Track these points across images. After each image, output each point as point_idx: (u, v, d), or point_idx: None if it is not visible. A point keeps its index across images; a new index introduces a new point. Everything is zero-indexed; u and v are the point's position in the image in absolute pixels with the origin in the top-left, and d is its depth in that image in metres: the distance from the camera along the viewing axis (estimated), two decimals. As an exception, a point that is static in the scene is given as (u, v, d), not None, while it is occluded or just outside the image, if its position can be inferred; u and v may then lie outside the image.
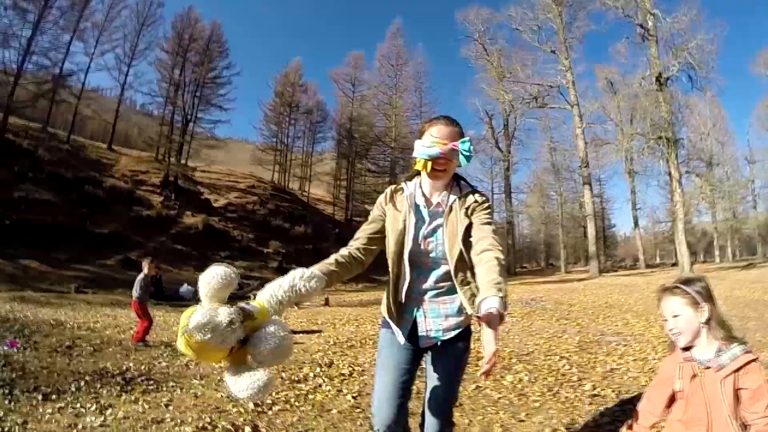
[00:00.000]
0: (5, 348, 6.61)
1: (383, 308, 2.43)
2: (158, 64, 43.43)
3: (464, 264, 2.19)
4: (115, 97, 45.39)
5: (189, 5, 44.92)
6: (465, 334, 2.33)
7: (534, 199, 56.50)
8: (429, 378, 2.35)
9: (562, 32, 36.27)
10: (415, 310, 2.30)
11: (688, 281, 2.14)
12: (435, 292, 2.29)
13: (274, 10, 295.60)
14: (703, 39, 29.63)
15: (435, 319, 2.28)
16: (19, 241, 22.63)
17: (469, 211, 2.24)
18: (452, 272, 2.22)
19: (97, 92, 44.97)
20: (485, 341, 1.70)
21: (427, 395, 2.33)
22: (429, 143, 2.21)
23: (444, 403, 2.32)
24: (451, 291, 2.27)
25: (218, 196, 41.67)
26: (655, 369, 5.74)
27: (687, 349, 2.05)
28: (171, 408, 4.51)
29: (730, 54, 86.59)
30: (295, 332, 10.06)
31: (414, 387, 2.46)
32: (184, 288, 20.12)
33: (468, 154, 2.21)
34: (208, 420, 4.13)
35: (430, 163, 2.21)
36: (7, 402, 4.33)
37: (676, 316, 2.07)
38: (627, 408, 4.40)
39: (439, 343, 2.28)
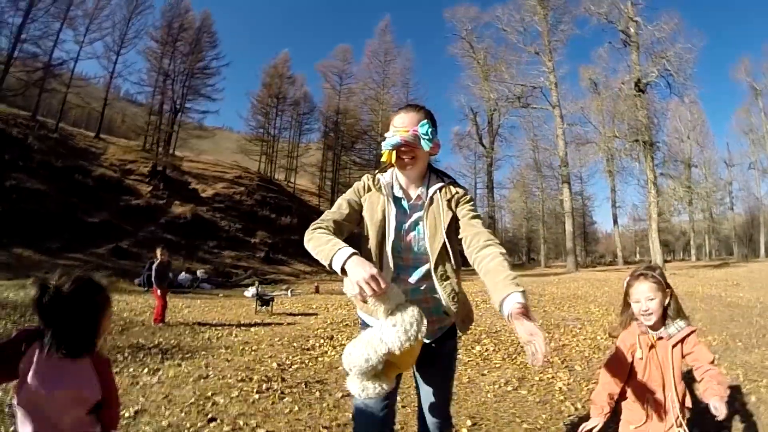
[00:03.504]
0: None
1: (360, 308, 2.34)
2: (148, 53, 43.21)
3: (445, 258, 2.11)
4: (101, 85, 45.28)
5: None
6: (451, 332, 2.29)
7: (516, 195, 57.21)
8: (422, 382, 2.29)
9: (547, 35, 37.16)
10: None
11: (653, 268, 2.45)
12: (418, 291, 2.17)
13: (263, 1, 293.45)
14: (681, 48, 30.68)
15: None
16: (12, 230, 22.81)
17: (452, 204, 2.15)
18: (432, 266, 2.11)
19: (87, 81, 44.73)
20: (527, 332, 1.53)
21: (425, 399, 2.29)
22: (392, 133, 2.13)
23: (444, 404, 2.29)
24: (433, 290, 2.16)
25: (206, 186, 41.73)
26: (600, 346, 7.00)
27: (661, 322, 2.37)
28: (210, 368, 5.63)
29: (712, 59, 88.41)
30: (293, 315, 11.13)
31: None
32: (183, 276, 20.94)
33: (427, 136, 2.10)
34: (244, 375, 5.26)
35: (394, 153, 2.14)
36: None
37: (651, 299, 2.34)
38: (567, 369, 5.77)
39: (428, 345, 2.20)
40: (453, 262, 2.14)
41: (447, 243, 2.09)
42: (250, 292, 16.37)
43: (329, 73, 54.98)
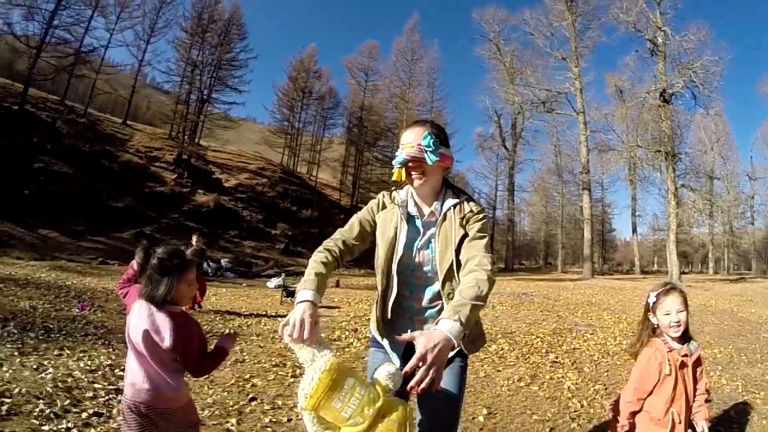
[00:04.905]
0: (77, 310, 7.98)
1: (372, 325, 2.29)
2: (177, 43, 43.82)
3: (454, 277, 2.03)
4: (129, 72, 45.90)
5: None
6: (461, 353, 2.14)
7: (536, 199, 57.30)
8: (427, 403, 2.06)
9: (574, 40, 37.25)
10: (409, 330, 2.05)
11: (677, 284, 2.61)
12: (432, 311, 2.13)
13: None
14: (708, 60, 30.50)
15: None
16: (38, 212, 23.46)
17: (464, 221, 2.07)
18: (440, 284, 2.06)
19: (118, 68, 45.26)
20: (417, 355, 1.45)
21: (428, 422, 2.05)
22: (399, 151, 2.11)
23: (449, 427, 2.08)
24: None
25: (229, 176, 42.13)
26: (609, 351, 7.38)
27: (683, 338, 2.51)
28: (246, 354, 6.07)
29: (741, 72, 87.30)
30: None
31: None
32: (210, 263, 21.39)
33: (430, 148, 2.04)
34: (278, 360, 5.71)
35: (402, 171, 2.10)
36: (110, 350, 5.71)
37: (681, 311, 2.44)
38: (576, 370, 6.18)
39: None
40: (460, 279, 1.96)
41: (455, 262, 2.03)
42: (273, 283, 16.81)
43: (355, 68, 55.16)
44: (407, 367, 1.43)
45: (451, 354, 1.98)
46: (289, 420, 4.01)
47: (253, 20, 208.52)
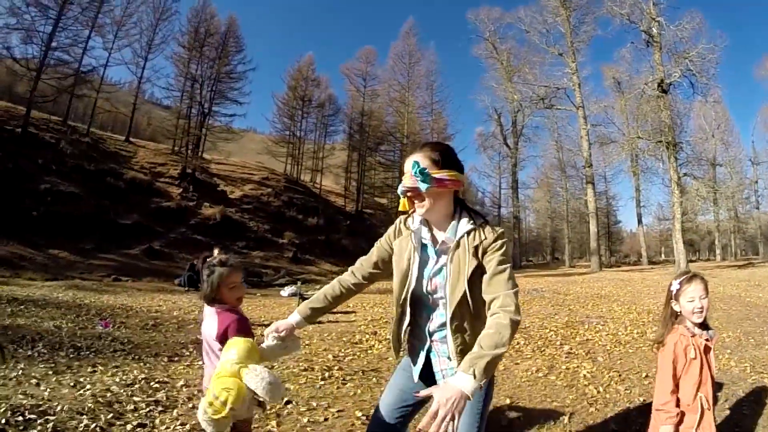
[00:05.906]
0: (101, 328, 8.18)
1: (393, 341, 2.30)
2: (175, 59, 44.18)
3: (464, 309, 1.99)
4: (128, 89, 46.25)
5: (204, -1, 44.89)
6: None
7: (540, 194, 57.29)
8: None
9: (570, 36, 37.28)
10: (425, 349, 2.17)
11: (698, 272, 2.72)
12: (441, 333, 2.10)
13: (287, 4, 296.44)
14: (704, 48, 30.58)
15: (449, 360, 2.09)
16: (47, 232, 23.64)
17: (479, 252, 1.99)
18: (448, 316, 2.01)
19: (117, 86, 45.48)
20: (435, 406, 1.53)
21: None
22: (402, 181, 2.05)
23: None
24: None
25: (234, 188, 42.33)
26: (621, 341, 7.63)
27: (702, 326, 2.60)
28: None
29: (738, 58, 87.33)
30: (333, 312, 11.74)
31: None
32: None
33: (419, 177, 1.95)
34: (306, 365, 5.96)
35: (406, 201, 2.08)
36: (142, 365, 5.88)
37: (704, 297, 2.54)
38: (590, 360, 6.46)
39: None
40: (473, 311, 2.00)
41: (468, 293, 1.96)
42: (286, 291, 17.00)
43: (353, 75, 55.33)
44: (421, 425, 1.51)
45: None
46: (326, 420, 4.25)
47: (249, 32, 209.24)
